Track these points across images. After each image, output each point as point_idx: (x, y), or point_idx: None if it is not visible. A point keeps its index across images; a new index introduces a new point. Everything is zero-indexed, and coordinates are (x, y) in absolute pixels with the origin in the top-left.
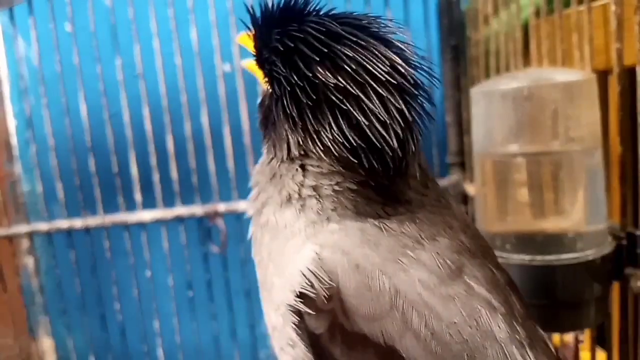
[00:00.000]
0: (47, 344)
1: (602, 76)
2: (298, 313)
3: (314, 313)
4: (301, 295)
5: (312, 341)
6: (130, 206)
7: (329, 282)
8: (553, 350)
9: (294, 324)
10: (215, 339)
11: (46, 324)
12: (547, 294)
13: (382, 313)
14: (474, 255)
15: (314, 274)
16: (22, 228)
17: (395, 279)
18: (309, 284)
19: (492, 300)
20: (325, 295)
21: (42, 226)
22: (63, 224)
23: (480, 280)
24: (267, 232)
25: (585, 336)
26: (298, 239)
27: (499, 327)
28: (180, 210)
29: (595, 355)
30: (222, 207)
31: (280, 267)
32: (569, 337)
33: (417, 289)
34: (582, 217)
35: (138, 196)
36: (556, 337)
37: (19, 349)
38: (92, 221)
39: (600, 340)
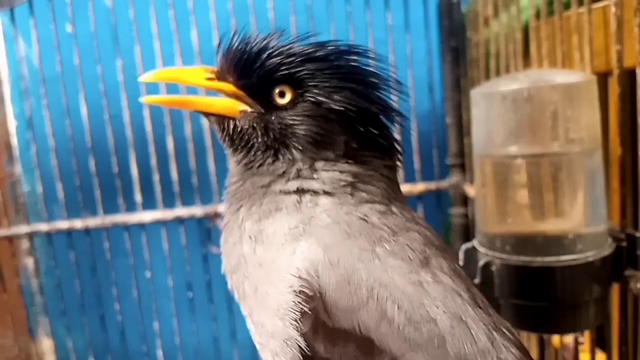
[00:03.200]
0: (46, 344)
1: (602, 78)
2: (299, 311)
3: (305, 310)
4: (300, 293)
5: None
6: (130, 207)
7: (312, 280)
8: (518, 338)
9: (297, 321)
10: (215, 340)
11: (46, 324)
12: (547, 295)
13: (359, 304)
14: (438, 249)
15: (305, 272)
16: (22, 229)
17: (372, 270)
18: (303, 282)
19: (456, 287)
20: (309, 293)
21: (42, 227)
22: (63, 224)
23: (445, 270)
24: (259, 244)
25: (585, 337)
26: (293, 240)
27: (465, 310)
28: (180, 211)
29: (595, 357)
30: (222, 208)
31: (276, 271)
32: (569, 338)
33: (390, 274)
34: (581, 218)
35: (138, 197)
36: (556, 339)
37: (19, 350)
38: (92, 222)
39: (600, 341)
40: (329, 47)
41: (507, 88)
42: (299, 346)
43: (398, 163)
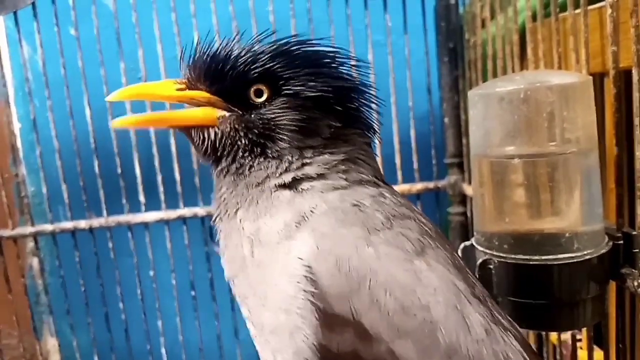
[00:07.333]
0: (51, 343)
1: (599, 79)
2: (303, 297)
3: (307, 296)
4: (301, 281)
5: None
6: (134, 207)
7: (309, 269)
8: (519, 330)
9: (302, 308)
10: (218, 338)
11: (50, 323)
12: (544, 294)
13: (351, 290)
14: (434, 238)
15: (305, 261)
16: (27, 229)
17: (365, 257)
18: (303, 271)
19: (452, 277)
20: (310, 280)
21: (47, 227)
22: (67, 225)
23: (441, 260)
24: (256, 245)
25: (583, 335)
26: (288, 236)
27: (461, 300)
28: (183, 211)
29: (592, 354)
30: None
31: (274, 270)
32: (567, 335)
33: (383, 262)
34: (578, 217)
35: (142, 197)
36: (554, 336)
37: (24, 349)
38: (96, 222)
39: (598, 339)
40: (291, 40)
41: (504, 89)
42: (305, 335)
43: (375, 138)
